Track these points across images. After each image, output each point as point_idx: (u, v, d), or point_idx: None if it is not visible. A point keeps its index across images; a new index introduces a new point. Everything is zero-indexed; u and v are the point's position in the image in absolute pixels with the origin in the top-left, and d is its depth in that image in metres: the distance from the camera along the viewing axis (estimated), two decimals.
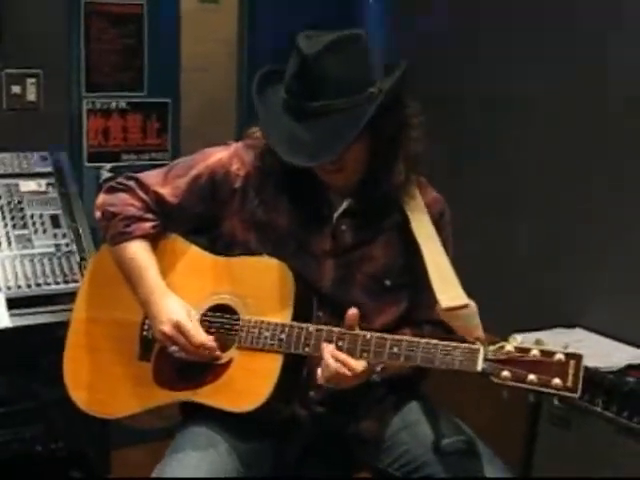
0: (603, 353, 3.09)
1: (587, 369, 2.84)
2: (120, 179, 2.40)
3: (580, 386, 1.84)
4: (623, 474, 2.88)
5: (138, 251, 2.31)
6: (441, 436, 2.20)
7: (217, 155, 2.34)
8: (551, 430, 3.11)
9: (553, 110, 3.52)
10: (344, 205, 2.28)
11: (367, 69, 2.14)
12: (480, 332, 2.03)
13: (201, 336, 2.19)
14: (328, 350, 2.07)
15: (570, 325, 3.34)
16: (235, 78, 4.29)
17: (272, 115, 2.16)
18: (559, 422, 3.07)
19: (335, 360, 2.05)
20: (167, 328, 2.19)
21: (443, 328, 2.16)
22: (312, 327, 2.12)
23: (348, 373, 2.05)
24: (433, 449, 2.19)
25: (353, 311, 2.08)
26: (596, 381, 2.94)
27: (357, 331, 2.08)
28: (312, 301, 2.22)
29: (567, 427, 3.05)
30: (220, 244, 2.34)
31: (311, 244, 2.27)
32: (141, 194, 2.33)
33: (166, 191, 2.33)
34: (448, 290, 2.12)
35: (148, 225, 2.32)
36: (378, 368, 2.14)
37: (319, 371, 2.09)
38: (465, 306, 2.08)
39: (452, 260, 2.24)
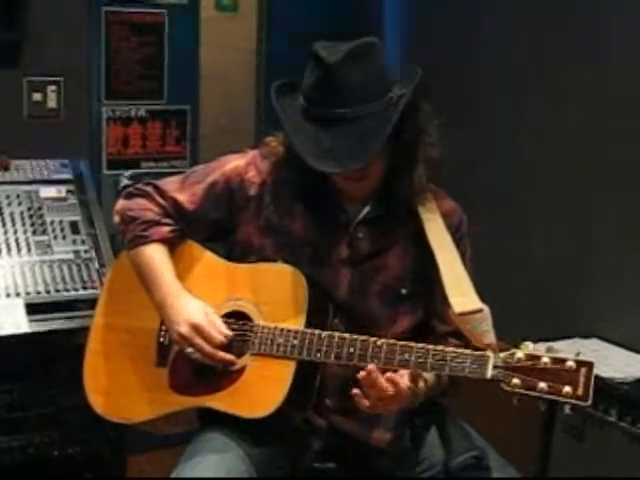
0: (618, 363, 3.08)
1: (602, 379, 2.87)
2: (138, 185, 2.43)
3: (591, 394, 1.83)
4: None
5: (155, 254, 2.33)
6: (452, 452, 2.21)
7: (233, 162, 2.36)
8: (565, 440, 3.11)
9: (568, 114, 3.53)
10: (363, 212, 2.29)
11: (385, 75, 2.17)
12: (492, 338, 2.04)
13: (218, 336, 2.20)
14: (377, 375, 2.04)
15: (586, 335, 3.33)
16: (254, 86, 4.30)
17: (294, 124, 2.17)
18: (573, 432, 3.07)
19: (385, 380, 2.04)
20: (184, 329, 2.21)
21: (459, 336, 2.17)
22: (324, 333, 2.13)
23: (392, 390, 2.03)
24: (444, 464, 2.20)
25: (368, 370, 2.05)
26: (611, 391, 2.93)
27: (368, 337, 2.08)
28: (327, 308, 2.22)
29: (581, 437, 3.05)
30: (236, 251, 2.36)
31: (327, 252, 2.28)
32: (159, 199, 2.36)
33: (183, 197, 2.35)
34: (461, 294, 2.13)
35: (166, 230, 2.34)
36: (420, 388, 2.11)
37: (362, 400, 2.06)
38: (479, 310, 2.09)
39: (470, 270, 2.26)
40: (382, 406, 2.07)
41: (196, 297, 2.29)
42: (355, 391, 2.06)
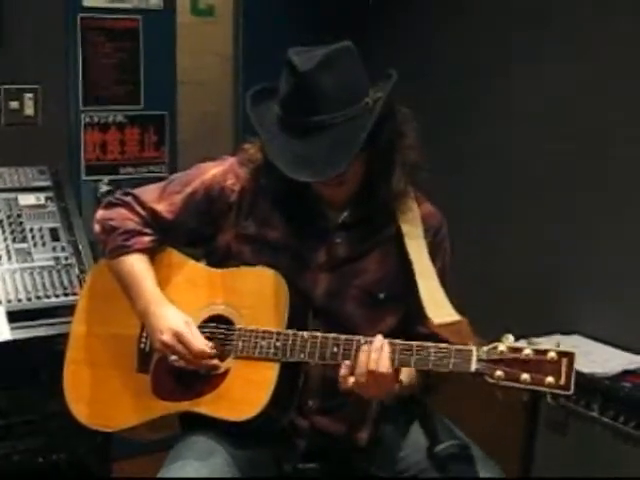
0: (600, 359, 3.10)
1: (584, 375, 2.89)
2: (117, 195, 2.42)
3: (573, 383, 1.85)
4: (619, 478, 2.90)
5: (136, 264, 2.33)
6: (435, 442, 2.21)
7: (212, 171, 2.36)
8: (548, 435, 3.12)
9: (553, 115, 3.54)
10: (342, 217, 2.29)
11: (360, 80, 2.16)
12: (472, 342, 2.04)
13: (200, 344, 2.20)
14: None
15: (568, 332, 3.35)
16: (231, 91, 4.29)
17: (270, 134, 2.17)
18: (556, 427, 3.08)
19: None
20: (167, 337, 2.20)
21: (438, 340, 2.18)
22: (306, 334, 2.13)
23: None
24: (427, 455, 2.21)
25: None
26: (593, 387, 2.95)
27: (352, 336, 2.09)
28: (307, 312, 2.23)
29: (564, 432, 3.07)
30: (216, 257, 2.36)
31: (305, 257, 2.28)
32: (138, 209, 2.35)
33: (162, 207, 2.35)
34: (438, 308, 2.15)
35: (147, 239, 2.34)
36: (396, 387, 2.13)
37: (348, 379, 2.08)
38: (457, 322, 2.10)
39: (449, 274, 2.28)
40: (366, 383, 2.06)
41: (176, 306, 2.29)
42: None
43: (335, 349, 2.09)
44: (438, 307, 2.15)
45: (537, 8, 3.57)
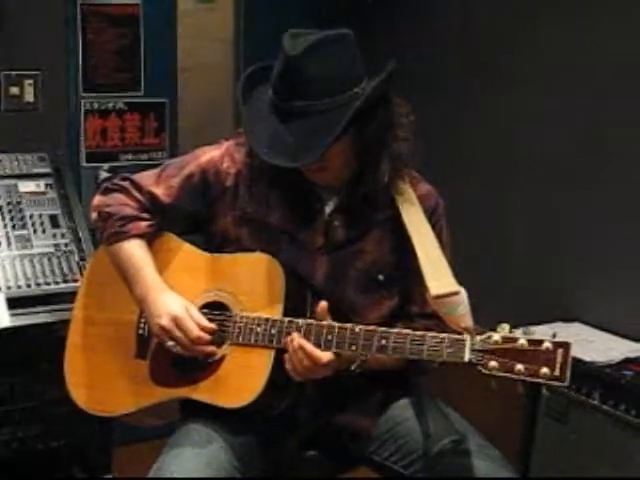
0: (601, 347, 3.10)
1: (585, 363, 2.88)
2: (115, 180, 2.42)
3: (568, 375, 1.84)
4: (620, 467, 2.90)
5: (134, 249, 2.32)
6: (430, 436, 2.20)
7: (208, 154, 2.36)
8: (549, 423, 3.12)
9: (552, 108, 3.53)
10: (333, 202, 2.29)
11: (352, 69, 2.14)
12: (469, 322, 2.04)
13: (197, 329, 2.19)
14: (296, 340, 2.10)
15: (569, 319, 3.35)
16: (232, 77, 4.29)
17: (258, 115, 2.17)
18: (557, 415, 3.08)
19: (301, 351, 2.08)
20: (165, 322, 2.20)
21: (437, 320, 2.17)
22: (302, 321, 2.13)
23: (310, 364, 2.08)
24: (424, 450, 2.20)
25: (323, 304, 2.12)
26: (593, 374, 2.95)
27: (346, 324, 2.09)
28: (305, 296, 2.22)
29: (564, 420, 3.06)
30: (214, 242, 2.36)
31: (303, 240, 2.28)
32: (136, 194, 2.35)
33: (160, 191, 2.35)
34: (439, 277, 2.13)
35: (144, 224, 2.34)
36: (357, 360, 2.13)
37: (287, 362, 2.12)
38: (455, 293, 2.09)
39: (448, 253, 2.25)
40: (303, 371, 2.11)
41: (174, 291, 2.28)
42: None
43: (329, 337, 2.09)
44: (438, 276, 2.14)
45: (538, 5, 3.56)
